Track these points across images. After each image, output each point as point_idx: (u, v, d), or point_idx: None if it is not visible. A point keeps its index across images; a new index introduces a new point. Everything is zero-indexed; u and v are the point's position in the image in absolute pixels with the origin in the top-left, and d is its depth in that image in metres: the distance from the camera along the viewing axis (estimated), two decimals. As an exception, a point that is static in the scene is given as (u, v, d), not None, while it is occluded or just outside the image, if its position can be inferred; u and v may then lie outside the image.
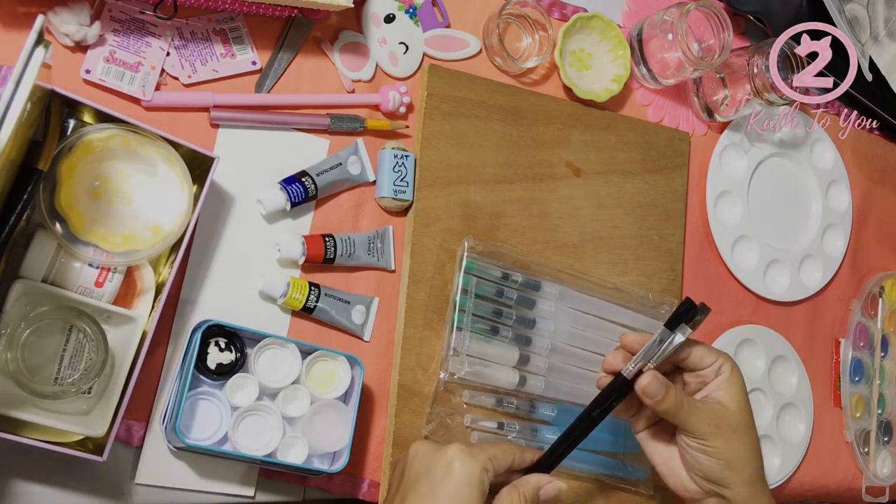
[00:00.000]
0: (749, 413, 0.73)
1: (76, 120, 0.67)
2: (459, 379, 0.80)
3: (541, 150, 0.90)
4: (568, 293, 0.87)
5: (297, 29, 0.81)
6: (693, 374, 0.74)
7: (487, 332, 0.81)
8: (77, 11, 0.70)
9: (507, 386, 0.82)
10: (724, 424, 0.71)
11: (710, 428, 0.70)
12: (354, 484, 0.78)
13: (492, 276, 0.83)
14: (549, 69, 0.93)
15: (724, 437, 0.70)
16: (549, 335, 0.85)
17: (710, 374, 0.73)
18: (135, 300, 0.70)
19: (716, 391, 0.73)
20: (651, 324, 0.90)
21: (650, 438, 0.76)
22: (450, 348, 0.80)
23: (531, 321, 0.84)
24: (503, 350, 0.82)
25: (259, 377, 0.72)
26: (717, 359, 0.73)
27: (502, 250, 0.84)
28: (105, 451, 0.65)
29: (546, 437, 0.82)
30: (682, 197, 0.97)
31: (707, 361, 0.73)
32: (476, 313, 0.81)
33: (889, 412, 1.09)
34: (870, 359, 1.09)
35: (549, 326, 0.85)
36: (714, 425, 0.71)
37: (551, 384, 0.84)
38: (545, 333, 0.85)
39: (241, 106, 0.77)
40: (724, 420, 0.71)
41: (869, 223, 1.14)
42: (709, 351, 0.74)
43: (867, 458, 1.06)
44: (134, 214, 0.67)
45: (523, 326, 0.84)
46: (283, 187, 0.77)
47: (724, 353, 0.74)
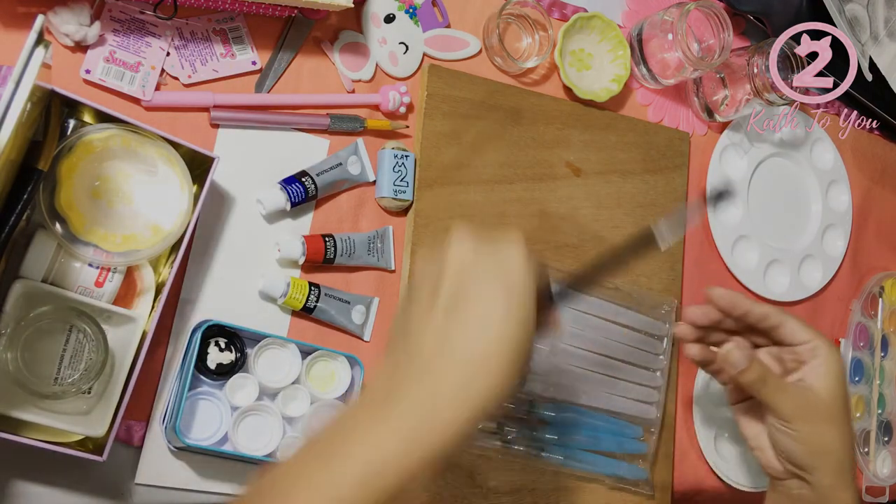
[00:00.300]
0: (842, 401, 0.70)
1: (76, 120, 0.67)
2: None
3: (541, 150, 0.90)
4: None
5: (297, 29, 0.81)
6: (788, 350, 0.72)
7: None
8: (77, 11, 0.70)
9: None
10: (811, 410, 0.69)
11: (796, 411, 0.69)
12: (354, 484, 0.78)
13: None
14: (549, 69, 0.93)
15: (810, 423, 0.69)
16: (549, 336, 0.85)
17: (806, 353, 0.71)
18: (135, 300, 0.70)
19: (809, 375, 0.71)
20: (651, 324, 0.91)
21: (743, 412, 0.75)
22: None
23: None
24: None
25: (259, 377, 0.72)
26: (813, 339, 0.71)
27: None
28: (105, 451, 0.65)
29: (546, 437, 0.82)
30: (682, 197, 0.97)
31: (800, 337, 0.71)
32: None
33: (889, 412, 1.08)
34: (870, 359, 1.09)
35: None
36: (800, 409, 0.69)
37: (551, 384, 0.84)
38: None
39: (241, 106, 0.77)
40: (812, 405, 0.69)
41: (869, 223, 1.14)
42: (803, 328, 0.72)
43: (867, 459, 1.06)
44: (134, 214, 0.67)
45: None
46: (283, 187, 0.77)
47: (822, 335, 0.72)
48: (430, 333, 0.50)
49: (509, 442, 0.81)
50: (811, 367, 0.71)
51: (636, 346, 0.90)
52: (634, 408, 0.88)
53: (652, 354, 0.90)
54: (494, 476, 0.81)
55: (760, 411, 0.73)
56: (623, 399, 0.88)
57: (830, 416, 0.69)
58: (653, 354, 0.90)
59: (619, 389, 0.88)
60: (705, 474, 0.95)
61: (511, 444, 0.81)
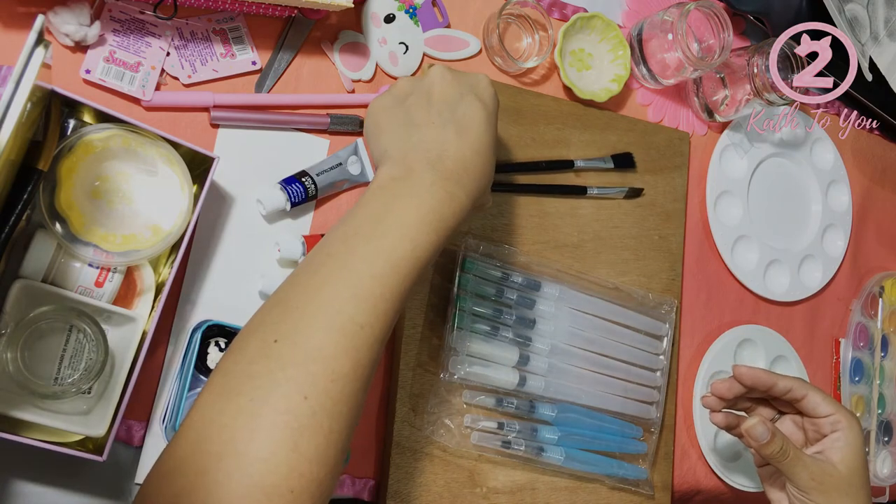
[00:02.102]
0: (861, 476, 0.74)
1: (76, 120, 0.67)
2: (459, 379, 0.80)
3: (541, 150, 0.90)
4: (568, 294, 0.86)
5: (297, 29, 0.81)
6: (810, 422, 0.76)
7: (487, 332, 0.81)
8: (77, 11, 0.70)
9: (507, 386, 0.82)
10: (828, 482, 0.72)
11: (812, 483, 0.72)
12: (354, 484, 0.78)
13: (491, 277, 0.83)
14: (549, 69, 0.93)
15: (827, 496, 0.72)
16: (549, 335, 0.85)
17: (826, 427, 0.75)
18: (135, 300, 0.70)
19: (829, 448, 0.74)
20: (651, 324, 0.91)
21: (767, 477, 0.80)
22: (450, 348, 0.80)
23: (531, 321, 0.84)
24: (503, 350, 0.82)
25: (259, 377, 0.72)
26: (834, 413, 0.75)
27: (503, 251, 0.84)
28: (105, 451, 0.65)
29: (546, 437, 0.82)
30: (682, 197, 0.97)
31: (822, 411, 0.75)
32: (476, 313, 0.81)
33: (889, 412, 1.09)
34: (870, 359, 1.09)
35: (549, 327, 0.85)
36: (817, 481, 0.72)
37: (551, 384, 0.84)
38: (545, 334, 0.84)
39: (241, 106, 0.77)
40: (830, 478, 0.72)
41: (869, 223, 1.14)
42: (826, 401, 0.75)
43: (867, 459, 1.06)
44: (134, 214, 0.67)
45: (523, 326, 0.83)
46: (283, 187, 0.77)
47: (846, 409, 0.75)
48: (434, 140, 0.64)
49: (509, 442, 0.81)
50: (831, 440, 0.75)
51: (636, 346, 0.90)
52: (635, 408, 0.88)
53: (652, 354, 0.90)
54: (494, 476, 0.81)
55: (782, 478, 0.77)
56: (623, 399, 0.88)
57: (847, 489, 0.72)
58: (653, 354, 0.90)
59: (620, 389, 0.88)
60: (705, 474, 0.95)
61: (511, 444, 0.81)
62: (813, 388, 0.78)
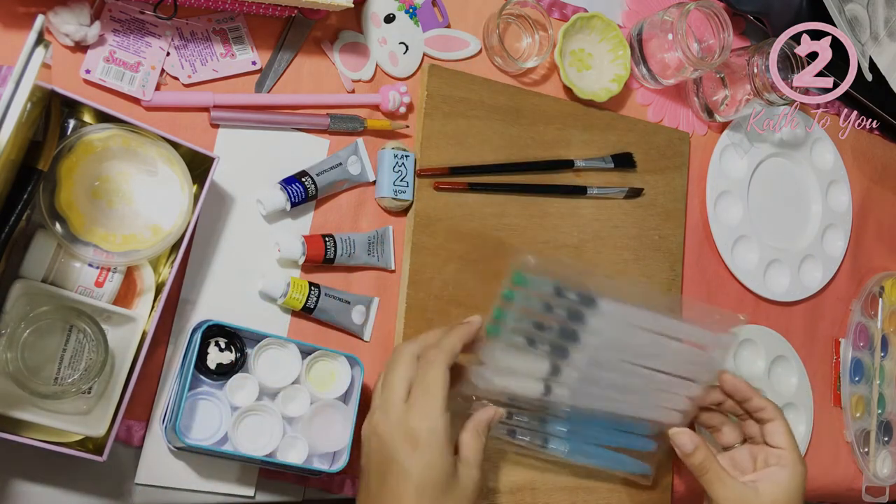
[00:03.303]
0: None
1: (76, 120, 0.67)
2: (483, 390, 0.75)
3: (541, 150, 0.90)
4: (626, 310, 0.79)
5: (297, 29, 0.81)
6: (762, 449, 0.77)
7: (522, 344, 0.76)
8: (77, 11, 0.70)
9: (531, 394, 0.77)
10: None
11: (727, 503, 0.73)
12: (354, 484, 0.78)
13: (543, 292, 0.76)
14: (549, 69, 0.93)
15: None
16: (593, 350, 0.77)
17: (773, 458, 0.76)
18: (135, 300, 0.70)
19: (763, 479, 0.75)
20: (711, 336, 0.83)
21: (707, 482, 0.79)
22: (479, 362, 0.74)
23: (575, 333, 0.77)
24: (534, 362, 0.76)
25: (259, 377, 0.72)
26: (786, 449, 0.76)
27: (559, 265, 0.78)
28: (105, 451, 0.65)
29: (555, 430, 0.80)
30: (682, 197, 0.97)
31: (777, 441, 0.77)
32: (515, 328, 0.76)
33: (889, 412, 1.09)
34: (870, 359, 1.09)
35: (595, 341, 0.77)
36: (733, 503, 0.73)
37: (579, 392, 0.78)
38: (588, 348, 0.77)
39: (241, 106, 0.77)
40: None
41: (869, 223, 1.14)
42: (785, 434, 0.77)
43: (867, 458, 1.06)
44: (134, 214, 0.67)
45: (566, 339, 0.77)
46: (283, 187, 0.77)
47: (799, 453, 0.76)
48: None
49: (514, 431, 0.79)
50: (769, 472, 0.75)
51: (688, 359, 0.82)
52: (664, 415, 0.83)
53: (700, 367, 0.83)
54: (494, 476, 0.81)
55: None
56: (655, 408, 0.82)
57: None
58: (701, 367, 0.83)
59: (654, 399, 0.82)
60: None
61: (516, 433, 0.79)
62: (782, 419, 0.78)
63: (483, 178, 0.86)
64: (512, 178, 0.87)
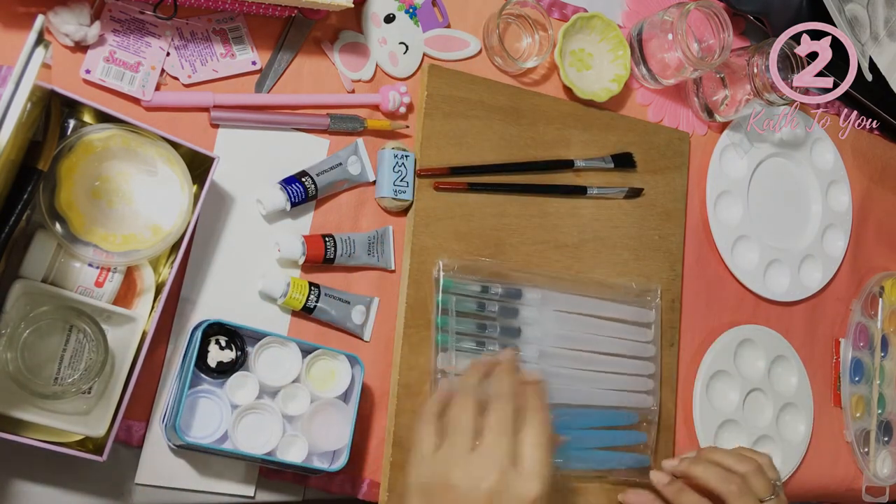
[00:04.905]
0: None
1: (76, 120, 0.68)
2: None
3: (541, 150, 0.90)
4: (550, 296, 0.86)
5: (297, 29, 0.81)
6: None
7: (473, 348, 0.81)
8: (77, 11, 0.70)
9: None
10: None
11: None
12: (354, 484, 0.78)
13: (471, 292, 0.82)
14: (549, 69, 0.93)
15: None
16: (537, 341, 0.84)
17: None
18: (135, 300, 0.70)
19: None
20: (637, 312, 0.90)
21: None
22: (437, 371, 0.79)
23: (516, 330, 0.83)
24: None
25: (259, 376, 0.72)
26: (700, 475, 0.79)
27: (479, 264, 0.83)
28: (105, 451, 0.65)
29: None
30: (682, 197, 0.97)
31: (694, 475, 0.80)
32: (460, 331, 0.81)
33: (889, 412, 1.09)
34: (870, 359, 1.09)
35: (536, 332, 0.84)
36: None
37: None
38: (532, 340, 0.84)
39: (241, 106, 0.77)
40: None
41: (869, 223, 1.14)
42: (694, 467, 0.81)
43: (867, 458, 1.06)
44: (134, 214, 0.67)
45: (509, 336, 0.83)
46: (283, 187, 0.77)
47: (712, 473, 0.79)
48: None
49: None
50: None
51: (625, 337, 0.89)
52: (630, 399, 0.88)
53: (642, 343, 0.90)
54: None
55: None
56: (618, 392, 0.87)
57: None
58: (643, 343, 0.90)
59: (612, 383, 0.87)
60: (705, 474, 0.95)
61: None
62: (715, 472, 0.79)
63: (483, 178, 0.86)
64: (512, 178, 0.87)
